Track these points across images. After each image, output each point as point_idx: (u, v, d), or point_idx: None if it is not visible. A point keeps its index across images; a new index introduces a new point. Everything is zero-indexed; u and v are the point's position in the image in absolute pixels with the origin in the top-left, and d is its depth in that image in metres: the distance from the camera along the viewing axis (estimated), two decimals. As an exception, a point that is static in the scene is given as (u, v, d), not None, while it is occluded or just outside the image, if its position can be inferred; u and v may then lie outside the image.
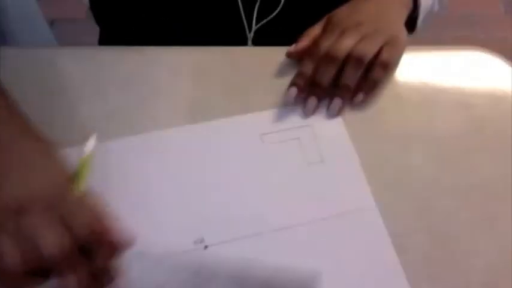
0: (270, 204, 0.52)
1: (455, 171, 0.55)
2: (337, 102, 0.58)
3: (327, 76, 0.57)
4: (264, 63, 0.63)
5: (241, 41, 0.71)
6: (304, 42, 0.61)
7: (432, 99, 0.61)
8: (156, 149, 0.56)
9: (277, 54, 0.63)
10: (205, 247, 0.49)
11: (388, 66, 0.59)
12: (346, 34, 0.58)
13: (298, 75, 0.59)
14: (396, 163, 0.55)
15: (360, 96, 0.59)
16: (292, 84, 0.59)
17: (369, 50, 0.57)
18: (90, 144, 0.49)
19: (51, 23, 1.77)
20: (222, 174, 0.54)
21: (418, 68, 0.64)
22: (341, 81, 0.58)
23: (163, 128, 0.57)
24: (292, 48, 0.61)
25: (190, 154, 0.56)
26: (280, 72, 0.62)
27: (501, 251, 0.50)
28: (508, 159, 0.56)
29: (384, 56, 0.58)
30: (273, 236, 0.50)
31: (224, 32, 0.69)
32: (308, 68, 0.58)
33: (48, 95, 0.60)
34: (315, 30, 0.62)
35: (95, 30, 0.81)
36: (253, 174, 0.54)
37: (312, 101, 0.58)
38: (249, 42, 0.72)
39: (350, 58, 0.57)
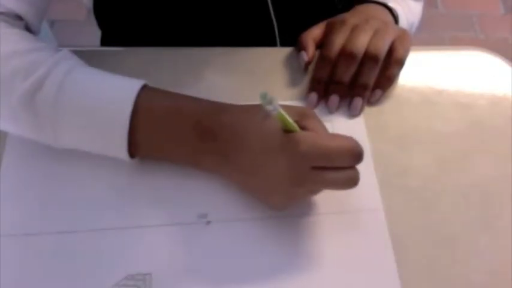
0: None
1: (455, 171, 0.55)
2: (358, 101, 0.58)
3: (347, 74, 0.57)
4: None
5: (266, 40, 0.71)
6: (311, 48, 0.61)
7: (432, 99, 0.61)
8: None
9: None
10: (208, 222, 0.50)
11: (403, 62, 0.59)
12: (359, 29, 0.58)
13: (315, 80, 0.59)
14: (396, 163, 0.55)
15: (378, 94, 0.59)
16: (311, 90, 0.59)
17: (383, 46, 0.57)
18: None
19: (51, 23, 1.77)
20: None
21: (418, 68, 0.64)
22: (360, 79, 0.58)
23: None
24: (305, 58, 0.61)
25: None
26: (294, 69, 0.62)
27: (501, 251, 0.50)
28: (508, 159, 0.56)
29: (399, 52, 0.58)
30: (276, 222, 0.51)
31: (227, 33, 0.69)
32: (324, 71, 0.58)
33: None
34: (315, 33, 0.62)
35: (94, 31, 0.81)
36: None
37: (334, 98, 0.58)
38: (278, 42, 0.71)
39: (367, 56, 0.57)
